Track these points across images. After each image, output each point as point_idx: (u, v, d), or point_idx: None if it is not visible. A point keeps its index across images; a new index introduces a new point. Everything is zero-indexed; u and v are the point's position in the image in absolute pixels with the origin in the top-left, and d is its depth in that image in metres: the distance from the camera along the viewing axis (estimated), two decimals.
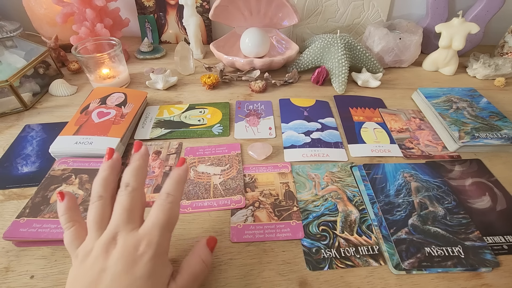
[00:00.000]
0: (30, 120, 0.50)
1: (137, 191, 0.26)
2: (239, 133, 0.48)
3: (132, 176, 0.26)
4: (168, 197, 0.25)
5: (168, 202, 0.25)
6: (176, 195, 0.26)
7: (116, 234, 0.23)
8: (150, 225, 0.24)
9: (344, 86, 0.57)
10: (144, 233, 0.24)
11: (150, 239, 0.23)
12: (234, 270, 0.30)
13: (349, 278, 0.30)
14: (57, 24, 0.61)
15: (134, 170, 0.26)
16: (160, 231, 0.24)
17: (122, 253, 0.22)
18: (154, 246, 0.23)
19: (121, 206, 0.24)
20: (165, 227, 0.24)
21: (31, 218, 0.33)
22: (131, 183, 0.26)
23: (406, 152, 0.45)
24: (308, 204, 0.37)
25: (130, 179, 0.26)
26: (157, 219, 0.24)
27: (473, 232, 0.33)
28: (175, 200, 0.26)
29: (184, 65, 0.62)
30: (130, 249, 0.23)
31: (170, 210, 0.25)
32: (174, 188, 0.26)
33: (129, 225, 0.24)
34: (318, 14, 0.71)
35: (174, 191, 0.26)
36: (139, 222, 0.25)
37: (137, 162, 0.27)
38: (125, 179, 0.26)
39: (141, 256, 0.22)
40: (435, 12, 0.68)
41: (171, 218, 0.25)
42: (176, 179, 0.27)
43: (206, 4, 0.70)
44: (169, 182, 0.26)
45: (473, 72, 0.65)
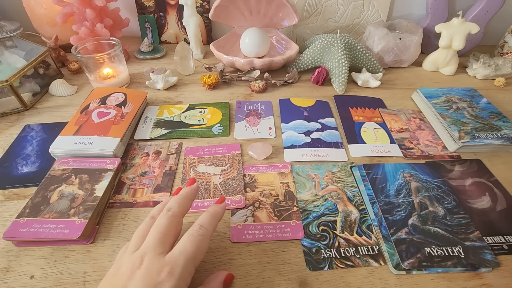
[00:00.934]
0: (30, 120, 0.50)
1: (176, 217, 0.27)
2: (239, 133, 0.48)
3: (176, 203, 0.28)
4: (200, 229, 0.26)
5: (200, 234, 0.26)
6: (209, 229, 0.27)
7: (144, 254, 0.24)
8: (177, 253, 0.24)
9: (344, 86, 0.57)
10: (170, 260, 0.24)
11: (174, 268, 0.23)
12: (234, 270, 0.30)
13: (349, 278, 0.30)
14: (57, 24, 0.61)
15: (181, 199, 0.28)
16: (185, 262, 0.24)
17: (144, 276, 0.23)
18: (176, 277, 0.23)
19: (157, 228, 0.25)
20: (191, 258, 0.24)
21: (31, 218, 0.33)
22: (173, 208, 0.27)
23: (406, 152, 0.45)
24: (308, 204, 0.37)
25: (174, 205, 0.27)
26: (185, 248, 0.25)
27: (473, 232, 0.33)
28: (206, 233, 0.26)
29: (184, 65, 0.62)
30: (152, 273, 0.23)
31: (199, 242, 0.25)
32: (208, 222, 0.27)
33: (158, 248, 0.24)
34: (318, 14, 0.71)
35: (207, 224, 0.27)
36: (169, 248, 0.25)
37: (185, 193, 0.29)
38: (169, 204, 0.27)
39: (160, 283, 0.23)
40: (435, 12, 0.68)
41: (199, 250, 0.25)
42: (212, 214, 0.28)
43: (206, 4, 0.70)
44: (205, 215, 0.28)
45: (473, 72, 0.65)
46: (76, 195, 0.35)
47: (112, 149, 0.41)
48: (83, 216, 0.33)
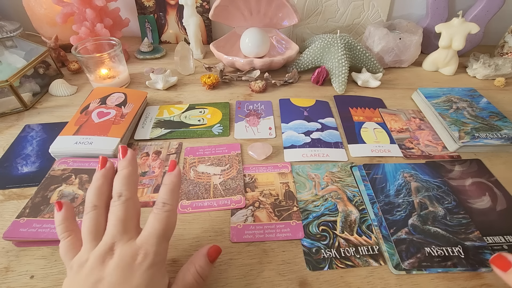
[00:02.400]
0: (30, 120, 0.50)
1: (130, 200, 0.25)
2: (239, 133, 0.48)
3: (123, 185, 0.25)
4: (164, 206, 0.25)
5: (165, 211, 0.25)
6: (172, 204, 0.26)
7: (113, 244, 0.23)
8: (147, 234, 0.24)
9: (344, 86, 0.57)
10: (141, 243, 0.23)
11: (148, 249, 0.23)
12: (234, 270, 0.30)
13: (349, 278, 0.30)
14: (57, 24, 0.61)
15: (125, 178, 0.26)
16: (157, 241, 0.24)
17: (119, 263, 0.22)
18: (152, 256, 0.23)
19: (115, 217, 0.24)
20: (162, 236, 0.24)
21: (31, 218, 0.33)
22: (123, 192, 0.25)
23: (406, 152, 0.45)
24: (308, 204, 0.37)
25: (122, 188, 0.25)
26: (153, 228, 0.24)
27: (473, 232, 0.33)
28: (171, 208, 0.25)
29: (184, 65, 0.62)
30: (127, 259, 0.22)
31: (166, 219, 0.25)
32: (169, 196, 0.26)
33: (125, 235, 0.24)
34: (318, 14, 0.71)
35: (169, 199, 0.26)
36: (135, 232, 0.24)
37: (126, 170, 0.26)
38: (117, 188, 0.25)
39: (138, 266, 0.22)
40: (435, 12, 0.68)
41: (168, 227, 0.25)
42: (170, 187, 0.26)
43: (206, 4, 0.70)
44: (164, 190, 0.26)
45: (473, 72, 0.65)
46: (76, 195, 0.35)
47: (112, 149, 0.41)
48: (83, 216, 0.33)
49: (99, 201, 0.26)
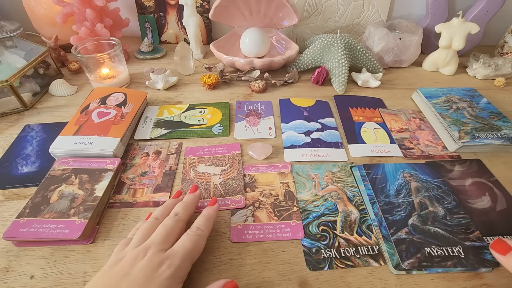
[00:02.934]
0: (30, 120, 0.50)
1: (181, 222, 0.30)
2: (239, 133, 0.48)
3: (183, 209, 0.31)
4: (197, 230, 0.29)
5: (197, 234, 0.29)
6: (205, 230, 0.30)
7: (148, 248, 0.27)
8: (177, 248, 0.27)
9: (344, 86, 0.57)
10: (170, 254, 0.26)
11: (173, 261, 0.26)
12: (234, 270, 0.30)
13: (349, 278, 0.30)
14: (57, 24, 0.61)
15: (186, 205, 0.32)
16: (183, 256, 0.27)
17: (146, 266, 0.25)
18: (174, 268, 0.25)
19: (164, 227, 0.29)
20: (189, 254, 0.27)
21: (31, 218, 0.33)
22: (180, 214, 0.30)
23: (406, 152, 0.45)
24: (308, 204, 0.37)
25: (181, 211, 0.31)
26: (183, 245, 0.27)
27: (473, 232, 0.33)
28: (203, 234, 0.29)
29: (184, 65, 0.62)
30: (153, 264, 0.25)
31: (196, 242, 0.28)
32: (204, 224, 0.30)
33: (162, 244, 0.27)
34: (318, 14, 0.71)
35: (203, 226, 0.30)
36: (171, 245, 0.28)
37: (190, 200, 0.33)
38: (176, 209, 0.31)
39: (160, 274, 0.25)
40: (435, 12, 0.68)
41: (196, 248, 0.28)
42: (207, 217, 0.31)
43: (206, 4, 0.70)
44: (201, 218, 0.31)
45: (473, 72, 0.65)
46: (76, 195, 0.35)
47: (112, 149, 0.41)
48: (83, 216, 0.33)
49: (161, 217, 0.31)
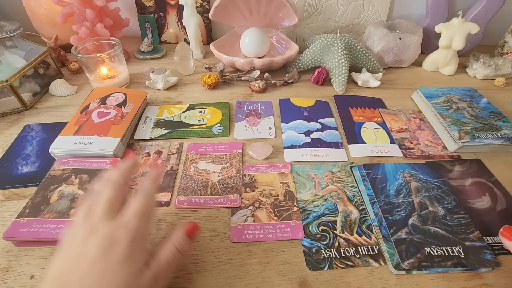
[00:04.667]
0: (30, 120, 0.50)
1: (120, 186, 0.28)
2: (239, 133, 0.48)
3: (117, 174, 0.29)
4: (144, 191, 0.28)
5: (145, 195, 0.27)
6: (152, 190, 0.28)
7: (94, 223, 0.25)
8: (128, 214, 0.25)
9: (344, 86, 0.57)
10: (122, 220, 0.25)
11: (129, 226, 0.24)
12: (234, 270, 0.30)
13: (349, 278, 0.30)
14: (57, 24, 0.61)
15: (122, 170, 0.29)
16: (138, 218, 0.25)
17: (101, 239, 0.23)
18: (132, 232, 0.24)
19: (103, 198, 0.26)
20: (143, 214, 0.26)
21: (31, 218, 0.33)
22: (115, 178, 0.28)
23: (406, 152, 0.45)
24: (308, 204, 0.37)
25: (115, 176, 0.28)
26: (134, 208, 0.26)
27: (473, 232, 0.33)
28: (151, 193, 0.28)
29: (184, 65, 0.62)
30: (108, 234, 0.24)
31: (147, 202, 0.27)
32: (150, 184, 0.29)
33: (108, 214, 0.25)
34: (318, 14, 0.71)
35: (150, 186, 0.29)
36: (118, 213, 0.26)
37: (124, 165, 0.30)
38: (109, 176, 0.28)
39: (119, 242, 0.23)
40: (435, 12, 0.68)
41: (148, 207, 0.27)
42: (152, 177, 0.30)
43: (206, 4, 0.70)
44: (145, 180, 0.29)
45: (473, 72, 0.65)
46: (76, 195, 0.35)
47: (112, 149, 0.41)
48: None
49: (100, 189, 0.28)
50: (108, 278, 0.22)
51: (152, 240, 0.33)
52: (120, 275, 0.23)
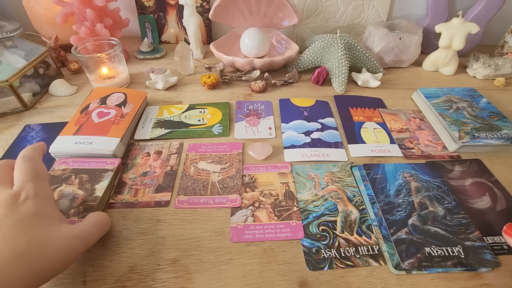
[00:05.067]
0: (30, 120, 0.50)
1: (1, 162, 0.28)
2: (239, 133, 0.48)
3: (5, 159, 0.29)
4: (24, 158, 0.28)
5: (26, 161, 0.27)
6: (33, 155, 0.28)
7: None
8: (19, 181, 0.25)
9: (344, 86, 0.57)
10: (18, 187, 0.25)
11: (27, 189, 0.25)
12: (234, 270, 0.30)
13: (349, 278, 0.30)
14: (57, 24, 0.61)
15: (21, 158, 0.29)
16: (32, 181, 0.25)
17: (1, 204, 0.23)
18: (33, 192, 0.24)
19: None
20: (35, 177, 0.26)
21: None
22: None
23: (406, 152, 0.45)
24: (308, 204, 0.37)
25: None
26: (24, 175, 0.26)
27: (473, 232, 0.33)
28: (33, 158, 0.28)
29: (184, 65, 0.62)
30: (8, 199, 0.24)
31: (32, 166, 0.27)
32: (29, 151, 0.29)
33: (1, 186, 0.25)
34: (318, 14, 0.71)
35: (29, 153, 0.29)
36: (10, 185, 0.26)
37: None
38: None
39: (23, 202, 0.24)
40: (435, 12, 0.68)
41: (37, 170, 0.27)
42: (31, 146, 0.30)
43: (206, 4, 0.70)
44: (25, 149, 0.29)
45: (473, 72, 0.65)
46: (76, 195, 0.35)
47: (112, 149, 0.41)
48: (83, 215, 0.33)
49: None
50: (25, 228, 0.22)
51: (152, 240, 0.33)
52: (38, 223, 0.23)
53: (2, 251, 0.21)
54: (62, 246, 0.24)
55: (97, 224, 0.28)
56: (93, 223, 0.28)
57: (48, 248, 0.23)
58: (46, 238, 0.23)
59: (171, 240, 0.33)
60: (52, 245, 0.23)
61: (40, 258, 0.22)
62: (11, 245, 0.21)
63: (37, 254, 0.22)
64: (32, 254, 0.22)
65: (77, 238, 0.25)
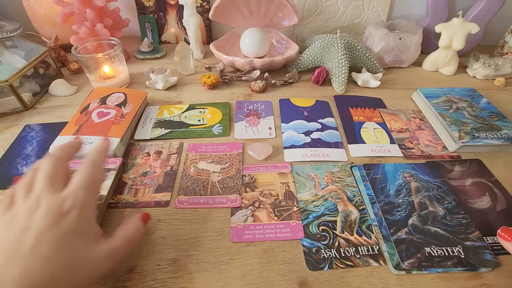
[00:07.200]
0: (30, 120, 0.50)
1: (60, 160, 0.27)
2: (239, 133, 0.48)
3: (58, 149, 0.28)
4: (91, 163, 0.27)
5: (92, 167, 0.27)
6: (100, 162, 0.28)
7: (39, 197, 0.24)
8: (74, 186, 0.25)
9: (344, 86, 0.57)
10: (68, 193, 0.24)
11: (75, 198, 0.24)
12: (234, 270, 0.30)
13: (349, 278, 0.30)
14: (57, 24, 0.61)
15: (62, 146, 0.29)
16: (84, 191, 0.25)
17: (47, 212, 0.23)
18: (80, 204, 0.24)
19: (43, 173, 0.25)
20: (90, 187, 0.25)
21: None
22: (56, 152, 0.27)
23: (406, 152, 0.45)
24: (308, 204, 0.37)
25: (55, 151, 0.28)
26: (81, 181, 0.25)
27: (473, 232, 0.33)
28: (98, 165, 0.28)
29: (184, 65, 0.62)
30: (54, 207, 0.23)
31: (94, 174, 0.26)
32: (98, 156, 0.28)
33: (52, 188, 0.24)
34: (318, 14, 0.71)
35: (98, 158, 0.28)
36: (62, 187, 0.25)
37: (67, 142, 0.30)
38: (51, 151, 0.28)
39: (66, 213, 0.23)
40: (435, 12, 0.68)
41: (96, 180, 0.26)
42: (99, 149, 0.29)
43: (206, 4, 0.70)
44: (93, 151, 0.29)
45: (473, 72, 0.65)
46: None
47: (112, 149, 0.41)
48: None
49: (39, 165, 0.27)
50: (62, 247, 0.22)
51: (152, 240, 0.33)
52: (75, 243, 0.23)
53: (40, 271, 0.21)
54: (95, 267, 0.24)
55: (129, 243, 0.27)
56: (126, 241, 0.27)
57: (82, 270, 0.23)
58: (82, 260, 0.23)
59: (171, 240, 0.33)
60: (87, 267, 0.23)
61: (74, 280, 0.22)
62: (50, 266, 0.21)
63: (72, 277, 0.22)
64: (68, 276, 0.22)
65: (109, 259, 0.25)
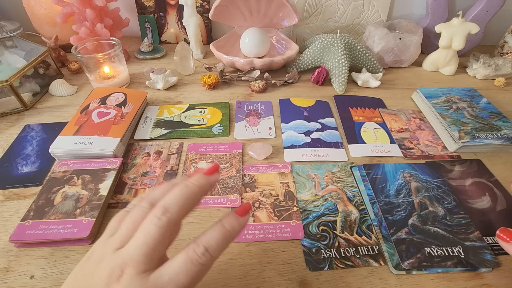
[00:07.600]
0: (30, 120, 0.50)
1: (173, 225, 0.20)
2: (239, 133, 0.48)
3: (177, 203, 0.20)
4: (204, 255, 0.19)
5: (201, 262, 0.19)
6: (214, 256, 0.20)
7: (125, 266, 0.18)
8: (166, 279, 0.19)
9: (344, 86, 0.57)
10: (154, 284, 0.18)
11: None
12: (234, 270, 0.30)
13: (349, 278, 0.30)
14: (57, 24, 0.61)
15: (185, 198, 0.21)
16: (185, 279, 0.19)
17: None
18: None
19: (144, 239, 0.19)
20: (193, 276, 0.19)
21: (37, 220, 0.33)
22: (172, 211, 0.20)
23: (406, 152, 0.45)
24: (308, 204, 0.37)
25: (173, 206, 0.20)
26: (177, 277, 0.19)
27: (473, 232, 0.33)
28: (209, 262, 0.20)
29: (184, 65, 0.62)
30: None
31: (197, 274, 0.19)
32: (217, 244, 0.20)
33: (142, 265, 0.19)
34: (318, 14, 0.71)
35: (215, 249, 0.20)
36: (156, 264, 0.19)
37: (194, 189, 0.21)
38: (167, 202, 0.20)
39: None
40: (435, 12, 0.68)
41: (193, 282, 0.19)
42: (225, 234, 0.20)
43: (206, 4, 0.70)
44: (215, 234, 0.20)
45: (473, 72, 0.65)
46: (80, 196, 0.35)
47: (112, 149, 0.41)
48: (90, 215, 0.33)
49: None
50: None
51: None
52: None
53: None
54: None
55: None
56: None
57: None
58: None
59: None
60: None
61: None
62: None
63: None
64: None
65: None
